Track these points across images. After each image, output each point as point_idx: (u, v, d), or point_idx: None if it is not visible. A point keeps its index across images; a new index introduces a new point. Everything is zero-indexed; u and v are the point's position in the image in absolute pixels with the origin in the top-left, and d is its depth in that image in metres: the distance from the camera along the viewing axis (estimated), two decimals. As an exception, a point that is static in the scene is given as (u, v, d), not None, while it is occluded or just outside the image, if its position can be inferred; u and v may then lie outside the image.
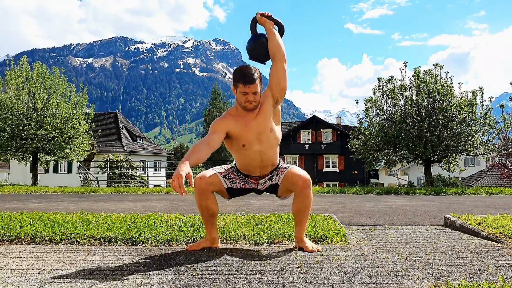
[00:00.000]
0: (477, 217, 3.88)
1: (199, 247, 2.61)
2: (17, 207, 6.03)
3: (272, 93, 2.54)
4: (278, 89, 2.54)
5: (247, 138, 2.51)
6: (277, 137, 2.58)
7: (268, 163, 2.59)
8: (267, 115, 2.52)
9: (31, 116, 15.78)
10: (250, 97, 2.45)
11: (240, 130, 2.51)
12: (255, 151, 2.52)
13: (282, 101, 2.61)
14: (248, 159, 2.57)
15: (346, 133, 33.84)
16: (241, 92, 2.45)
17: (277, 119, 2.59)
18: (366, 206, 6.18)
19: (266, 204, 6.36)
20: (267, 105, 2.52)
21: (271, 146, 2.56)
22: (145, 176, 21.98)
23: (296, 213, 2.58)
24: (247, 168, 2.61)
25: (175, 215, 4.15)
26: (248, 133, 2.50)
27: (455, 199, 8.15)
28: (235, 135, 2.52)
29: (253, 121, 2.51)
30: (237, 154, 2.60)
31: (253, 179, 2.64)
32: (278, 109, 2.59)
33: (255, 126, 2.50)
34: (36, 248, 2.71)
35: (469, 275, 1.94)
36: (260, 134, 2.51)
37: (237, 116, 2.54)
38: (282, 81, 2.54)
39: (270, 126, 2.53)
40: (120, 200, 7.88)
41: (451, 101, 14.80)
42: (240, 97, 2.48)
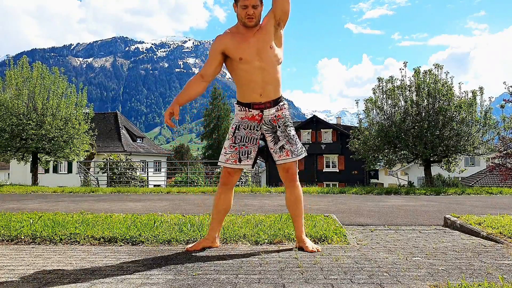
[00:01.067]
0: (477, 217, 3.88)
1: (199, 247, 2.61)
2: (17, 207, 6.03)
3: (274, 15, 2.53)
4: (281, 11, 2.52)
5: (245, 52, 2.51)
6: (277, 55, 2.56)
7: (269, 80, 2.55)
8: (267, 33, 2.52)
9: (31, 116, 15.78)
10: (250, 11, 2.46)
11: (237, 44, 2.52)
12: (255, 67, 2.51)
13: (284, 25, 2.59)
14: (248, 76, 2.54)
15: (346, 133, 33.84)
16: (241, 5, 2.47)
17: (278, 41, 2.59)
18: (366, 206, 6.18)
19: (266, 204, 6.36)
20: (268, 25, 2.53)
21: (272, 63, 2.54)
22: (145, 176, 21.98)
23: (289, 206, 2.68)
24: (248, 90, 2.56)
25: (175, 215, 4.16)
26: (246, 48, 2.51)
27: (455, 199, 8.15)
28: (233, 50, 2.52)
29: (252, 37, 2.52)
30: (237, 73, 2.58)
31: (256, 107, 2.56)
32: (280, 32, 2.59)
33: (254, 41, 2.51)
34: (36, 248, 2.71)
35: (469, 275, 1.94)
36: (259, 50, 2.51)
37: (236, 33, 2.56)
38: (286, 3, 2.52)
39: (270, 43, 2.53)
40: (120, 200, 7.88)
41: (451, 101, 14.81)
42: (241, 12, 2.49)
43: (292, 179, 2.63)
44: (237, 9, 2.51)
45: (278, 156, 2.59)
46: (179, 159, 58.06)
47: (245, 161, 2.58)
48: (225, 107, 56.19)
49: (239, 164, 2.58)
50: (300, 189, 2.67)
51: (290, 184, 2.64)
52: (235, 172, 2.63)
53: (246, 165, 2.59)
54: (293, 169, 2.62)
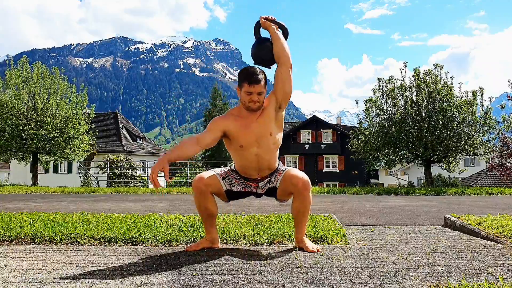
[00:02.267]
0: (477, 217, 3.88)
1: (198, 247, 2.61)
2: (17, 207, 6.03)
3: (276, 97, 2.52)
4: (282, 93, 2.51)
5: (246, 140, 2.50)
6: (276, 142, 2.56)
7: (265, 166, 2.57)
8: (268, 119, 2.51)
9: (31, 116, 15.78)
10: (255, 97, 2.44)
11: (239, 130, 2.50)
12: (253, 153, 2.51)
13: (286, 106, 2.57)
14: (245, 161, 2.55)
15: (346, 133, 33.83)
16: (245, 92, 2.44)
17: (279, 124, 2.57)
18: (366, 206, 6.18)
19: (266, 205, 6.36)
20: (270, 109, 2.51)
21: (269, 150, 2.54)
22: (145, 176, 21.98)
23: (296, 215, 2.59)
24: (245, 170, 2.60)
25: (175, 215, 4.16)
26: (247, 135, 2.49)
27: (455, 199, 8.15)
28: (234, 136, 2.51)
29: (254, 123, 2.50)
30: (235, 154, 2.59)
31: (252, 182, 2.62)
32: (282, 114, 2.57)
33: (256, 128, 2.49)
34: (36, 248, 2.71)
35: (469, 275, 1.94)
36: (259, 137, 2.50)
37: (238, 117, 2.53)
38: (287, 85, 2.51)
39: (270, 130, 2.51)
40: (120, 200, 7.88)
41: (451, 102, 14.81)
42: (244, 97, 2.46)
43: (305, 187, 2.49)
44: (241, 93, 2.48)
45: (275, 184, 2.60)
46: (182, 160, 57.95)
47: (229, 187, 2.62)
48: (225, 108, 56.14)
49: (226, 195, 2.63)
50: (311, 199, 2.56)
51: (303, 194, 2.50)
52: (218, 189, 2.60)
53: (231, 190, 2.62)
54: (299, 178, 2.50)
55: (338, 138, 37.68)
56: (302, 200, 2.52)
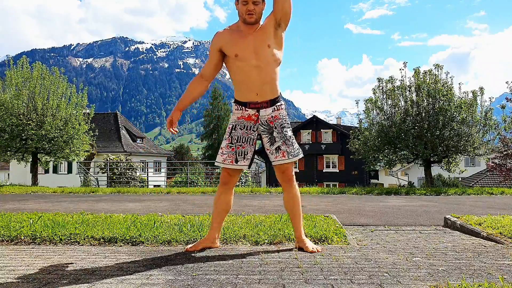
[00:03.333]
0: (477, 217, 3.88)
1: (198, 248, 2.60)
2: (17, 208, 6.03)
3: (275, 15, 2.52)
4: (282, 12, 2.50)
5: (242, 49, 2.50)
6: (275, 55, 2.54)
7: (266, 79, 2.52)
8: (266, 32, 2.51)
9: (31, 116, 15.77)
10: (250, 6, 2.45)
11: (235, 41, 2.52)
12: (251, 65, 2.50)
13: (285, 26, 2.56)
14: (244, 74, 2.53)
15: (346, 133, 33.82)
16: (242, 1, 2.47)
17: (278, 41, 2.56)
18: (366, 207, 6.18)
19: (266, 205, 6.36)
20: (267, 25, 2.52)
21: (268, 62, 2.52)
22: (145, 177, 21.98)
23: (288, 206, 2.70)
24: (244, 89, 2.55)
25: (175, 215, 4.16)
26: (243, 45, 2.50)
27: (455, 199, 8.14)
28: (230, 46, 2.52)
29: (251, 35, 2.51)
30: (234, 71, 2.57)
31: (253, 107, 2.55)
32: (281, 34, 2.57)
33: (252, 39, 2.50)
34: (36, 248, 2.71)
35: (469, 276, 1.94)
36: (256, 48, 2.50)
37: (235, 30, 2.56)
38: (286, 3, 2.50)
39: (267, 42, 2.51)
40: (120, 200, 7.88)
41: (451, 102, 14.80)
42: (241, 8, 2.49)
43: (289, 179, 2.63)
44: (238, 6, 2.51)
45: (274, 157, 2.58)
46: (179, 160, 58.07)
47: (242, 162, 2.58)
48: (225, 107, 56.18)
49: (236, 164, 2.58)
50: (297, 189, 2.68)
51: (287, 185, 2.65)
52: (234, 172, 2.63)
53: (243, 165, 2.59)
54: (289, 170, 2.62)
55: (338, 138, 37.68)
56: (288, 190, 2.65)
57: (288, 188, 2.65)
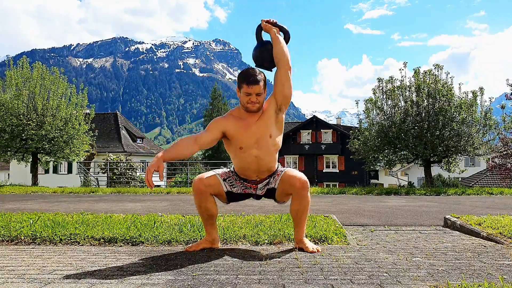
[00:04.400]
0: (477, 217, 3.88)
1: (198, 248, 2.61)
2: (17, 208, 6.03)
3: (276, 100, 2.53)
4: (282, 96, 2.52)
5: (245, 141, 2.50)
6: (276, 144, 2.56)
7: (264, 168, 2.56)
8: (268, 120, 2.51)
9: (31, 116, 15.77)
10: (253, 98, 2.44)
11: (239, 132, 2.50)
12: (252, 155, 2.51)
13: (286, 109, 2.58)
14: (244, 163, 2.55)
15: (346, 133, 33.84)
16: (244, 92, 2.45)
17: (279, 126, 2.57)
18: (366, 207, 6.18)
19: (266, 205, 6.36)
20: (269, 111, 2.52)
21: (269, 152, 2.54)
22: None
23: (295, 215, 2.60)
24: (244, 172, 2.60)
25: (175, 215, 4.16)
26: (247, 137, 2.50)
27: (455, 199, 8.14)
28: (234, 137, 2.52)
29: (254, 124, 2.50)
30: (234, 156, 2.59)
31: (252, 183, 2.62)
32: (282, 117, 2.57)
33: (255, 130, 2.50)
34: (36, 248, 2.71)
35: (469, 276, 1.94)
36: (259, 139, 2.50)
37: (238, 118, 2.53)
38: (286, 88, 2.52)
39: (270, 132, 2.51)
40: (120, 200, 7.88)
41: (451, 102, 14.80)
42: (244, 98, 2.47)
43: (303, 187, 2.49)
44: (240, 94, 2.49)
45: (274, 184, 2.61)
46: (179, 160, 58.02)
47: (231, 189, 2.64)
48: (225, 108, 56.17)
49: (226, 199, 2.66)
50: (309, 198, 2.57)
51: (302, 193, 2.51)
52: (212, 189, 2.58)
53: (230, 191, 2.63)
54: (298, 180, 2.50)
55: (338, 138, 37.68)
56: (300, 200, 2.52)
57: (302, 197, 2.52)
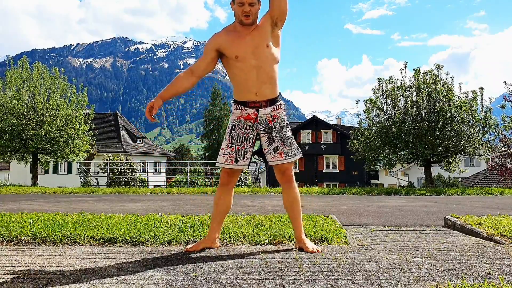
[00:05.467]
0: (477, 217, 3.88)
1: (198, 248, 2.61)
2: (17, 208, 6.03)
3: (272, 14, 2.52)
4: (278, 11, 2.51)
5: (241, 50, 2.50)
6: (273, 54, 2.55)
7: (265, 79, 2.53)
8: (263, 31, 2.52)
9: (31, 116, 15.78)
10: (246, 8, 2.45)
11: (233, 42, 2.51)
12: (251, 65, 2.50)
13: (282, 25, 2.57)
14: (243, 75, 2.52)
15: (346, 133, 33.83)
16: (238, 3, 2.47)
17: (275, 40, 2.57)
18: (366, 207, 6.18)
19: (266, 205, 6.36)
20: (264, 24, 2.52)
21: (267, 61, 2.52)
22: (145, 177, 21.98)
23: (287, 206, 2.68)
24: (243, 88, 2.55)
25: (175, 215, 4.16)
26: (242, 45, 2.50)
27: (455, 199, 8.14)
28: (228, 48, 2.52)
29: (249, 35, 2.51)
30: (233, 71, 2.56)
31: (252, 106, 2.55)
32: (277, 32, 2.58)
33: (250, 39, 2.50)
34: (36, 248, 2.71)
35: (469, 276, 1.94)
36: (255, 48, 2.50)
37: (232, 31, 2.56)
38: (283, 3, 2.51)
39: (266, 42, 2.52)
40: (120, 200, 7.88)
41: (451, 102, 14.80)
42: (237, 10, 2.49)
43: (288, 180, 2.62)
44: (234, 7, 2.51)
45: (272, 157, 2.58)
46: (179, 160, 58.08)
47: (242, 161, 2.58)
48: (225, 108, 56.21)
49: (236, 164, 2.58)
50: (297, 190, 2.67)
51: (286, 186, 2.64)
52: (234, 173, 2.63)
53: (243, 165, 2.59)
54: (289, 171, 2.61)
55: (338, 138, 37.67)
56: (287, 193, 2.65)
57: (288, 189, 2.65)
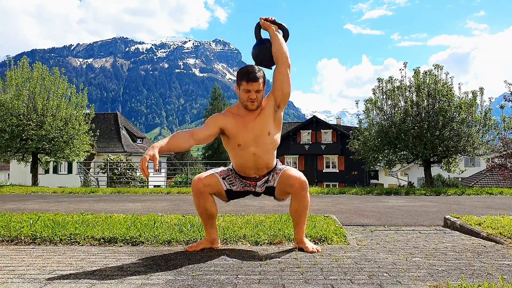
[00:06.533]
0: (477, 217, 3.88)
1: (198, 248, 2.61)
2: (17, 208, 6.03)
3: (275, 97, 2.53)
4: (281, 94, 2.52)
5: (244, 139, 2.50)
6: (274, 141, 2.56)
7: (262, 166, 2.57)
8: (266, 118, 2.51)
9: (31, 116, 15.78)
10: (253, 95, 2.44)
11: (237, 129, 2.50)
12: (250, 153, 2.51)
13: (284, 106, 2.58)
14: (242, 160, 2.55)
15: (346, 133, 33.83)
16: (244, 90, 2.45)
17: (277, 123, 2.58)
18: (366, 207, 6.18)
19: (266, 205, 6.36)
20: (268, 108, 2.52)
21: (267, 150, 2.54)
22: (145, 177, 21.94)
23: (294, 215, 2.60)
24: (242, 169, 2.60)
25: (175, 215, 4.16)
26: (245, 134, 2.50)
27: (455, 199, 8.14)
28: (232, 134, 2.52)
29: (252, 122, 2.50)
30: (233, 153, 2.59)
31: (251, 180, 2.63)
32: (280, 115, 2.58)
33: (253, 127, 2.50)
34: (36, 248, 2.71)
35: (469, 276, 1.94)
36: (257, 136, 2.50)
37: (237, 115, 2.54)
38: (285, 86, 2.53)
39: (268, 130, 2.52)
40: (120, 200, 7.88)
41: (451, 102, 14.80)
42: (243, 95, 2.47)
43: (302, 188, 2.50)
44: (239, 92, 2.49)
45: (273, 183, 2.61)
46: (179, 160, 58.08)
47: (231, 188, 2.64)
48: (225, 108, 56.19)
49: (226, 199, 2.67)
50: (309, 198, 2.57)
51: (301, 194, 2.51)
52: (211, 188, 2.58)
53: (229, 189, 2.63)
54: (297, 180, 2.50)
55: (338, 138, 37.68)
56: (299, 200, 2.53)
57: (302, 197, 2.53)
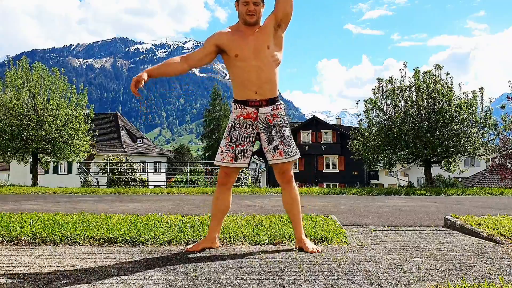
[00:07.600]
0: (477, 217, 3.88)
1: (198, 248, 2.61)
2: (17, 208, 6.03)
3: (276, 16, 2.54)
4: (282, 13, 2.53)
5: (242, 50, 2.52)
6: (274, 56, 2.56)
7: (264, 79, 2.54)
8: (266, 33, 2.53)
9: (31, 116, 15.78)
10: (251, 7, 2.48)
11: (235, 41, 2.53)
12: (251, 65, 2.51)
13: (285, 28, 2.59)
14: (243, 74, 2.54)
15: (346, 134, 33.82)
16: (242, 2, 2.49)
17: (278, 42, 2.59)
18: (366, 207, 6.18)
19: (266, 205, 6.36)
20: (268, 25, 2.54)
21: (268, 63, 2.54)
22: (145, 177, 21.98)
23: (287, 207, 2.69)
24: (244, 87, 2.55)
25: (175, 215, 4.16)
26: (243, 46, 2.52)
27: (455, 199, 8.14)
28: (229, 47, 2.54)
29: (251, 35, 2.53)
30: (233, 70, 2.58)
31: (251, 104, 2.55)
32: (281, 34, 2.59)
33: (252, 40, 2.52)
34: (36, 248, 2.71)
35: (469, 276, 1.94)
36: (256, 49, 2.52)
37: (235, 31, 2.58)
38: (288, 5, 2.53)
39: (267, 43, 2.53)
40: (120, 200, 7.88)
41: (451, 102, 14.80)
42: (242, 8, 2.51)
43: (288, 180, 2.64)
44: (238, 6, 2.53)
45: (272, 156, 2.58)
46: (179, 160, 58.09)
47: (241, 160, 2.57)
48: (225, 108, 56.19)
49: (235, 163, 2.57)
50: (297, 190, 2.68)
51: (286, 186, 2.66)
52: (232, 172, 2.62)
53: (242, 164, 2.58)
54: (289, 171, 2.62)
55: (338, 138, 37.67)
56: (288, 191, 2.65)
57: (288, 189, 2.66)
